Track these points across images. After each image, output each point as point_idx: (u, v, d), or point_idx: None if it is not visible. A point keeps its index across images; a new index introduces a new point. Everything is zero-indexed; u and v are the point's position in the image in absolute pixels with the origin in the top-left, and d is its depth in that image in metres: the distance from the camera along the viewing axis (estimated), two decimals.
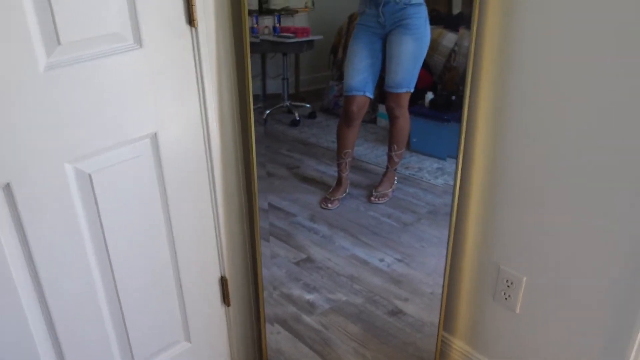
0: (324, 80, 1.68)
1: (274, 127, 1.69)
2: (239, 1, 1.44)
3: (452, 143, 1.55)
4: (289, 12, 1.59)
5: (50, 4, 1.10)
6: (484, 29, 1.45)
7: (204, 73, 1.42)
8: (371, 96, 1.53)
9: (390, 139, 1.61)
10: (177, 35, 1.34)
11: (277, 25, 1.59)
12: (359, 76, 1.51)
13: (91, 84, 1.23)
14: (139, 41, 1.27)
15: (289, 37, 1.60)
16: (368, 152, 1.69)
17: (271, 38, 1.60)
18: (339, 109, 1.64)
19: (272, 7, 1.58)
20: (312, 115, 1.69)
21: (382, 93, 1.57)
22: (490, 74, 1.47)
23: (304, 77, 1.70)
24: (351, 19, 1.58)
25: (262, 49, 1.58)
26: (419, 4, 1.45)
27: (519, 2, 1.35)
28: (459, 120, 1.52)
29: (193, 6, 1.32)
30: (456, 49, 1.53)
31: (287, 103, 1.66)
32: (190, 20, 1.34)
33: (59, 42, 1.14)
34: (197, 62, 1.40)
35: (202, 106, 1.47)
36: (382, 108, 1.61)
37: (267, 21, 1.58)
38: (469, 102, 1.52)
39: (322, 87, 1.68)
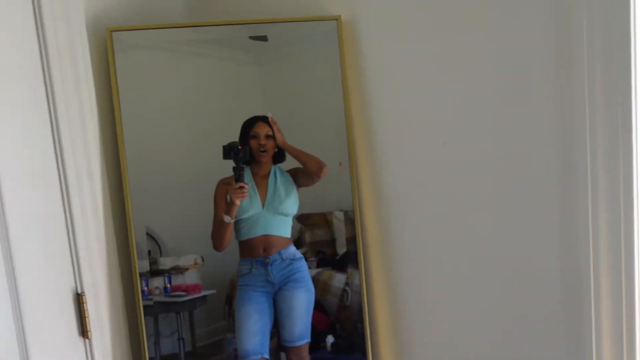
0: (221, 332, 1.63)
1: None
2: (133, 302, 1.46)
3: None
4: (179, 270, 1.59)
5: None
6: (370, 267, 1.53)
7: None
8: (268, 357, 1.50)
9: None
10: (69, 348, 1.28)
11: (168, 285, 1.57)
12: (254, 339, 1.48)
13: None
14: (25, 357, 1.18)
15: (181, 296, 1.57)
16: None
17: (163, 299, 1.57)
18: None
19: (162, 267, 1.58)
20: None
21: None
22: (385, 310, 1.51)
23: (199, 331, 1.65)
24: None
25: (155, 311, 1.54)
26: (301, 258, 1.52)
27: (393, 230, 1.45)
28: None
29: (86, 318, 1.29)
30: (347, 288, 1.57)
31: None
32: (84, 331, 1.30)
33: None
34: None
35: None
36: (283, 356, 1.57)
37: (158, 282, 1.57)
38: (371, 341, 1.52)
39: (220, 338, 1.63)
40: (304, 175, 1.49)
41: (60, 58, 1.23)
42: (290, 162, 1.51)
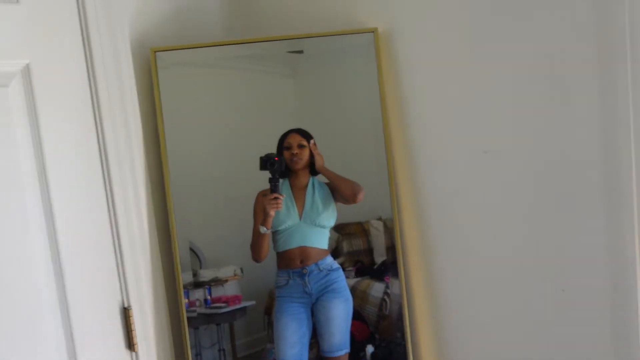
0: (261, 342, 1.64)
1: None
2: (176, 315, 1.47)
3: None
4: (219, 282, 1.61)
5: None
6: (410, 276, 1.52)
7: None
8: None
9: None
10: None
11: (209, 297, 1.59)
12: (293, 349, 1.49)
13: None
14: None
15: (221, 307, 1.59)
16: None
17: (203, 310, 1.58)
18: None
19: (202, 279, 1.60)
20: None
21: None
22: (426, 319, 1.50)
23: (240, 342, 1.66)
24: None
25: (196, 322, 1.56)
26: (338, 268, 1.53)
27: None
28: None
29: (133, 331, 1.33)
30: (386, 297, 1.57)
31: None
32: (130, 344, 1.33)
33: None
34: None
35: None
36: None
37: (198, 294, 1.59)
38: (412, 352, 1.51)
39: (260, 349, 1.64)
40: (339, 196, 1.50)
41: (107, 78, 1.27)
42: None
